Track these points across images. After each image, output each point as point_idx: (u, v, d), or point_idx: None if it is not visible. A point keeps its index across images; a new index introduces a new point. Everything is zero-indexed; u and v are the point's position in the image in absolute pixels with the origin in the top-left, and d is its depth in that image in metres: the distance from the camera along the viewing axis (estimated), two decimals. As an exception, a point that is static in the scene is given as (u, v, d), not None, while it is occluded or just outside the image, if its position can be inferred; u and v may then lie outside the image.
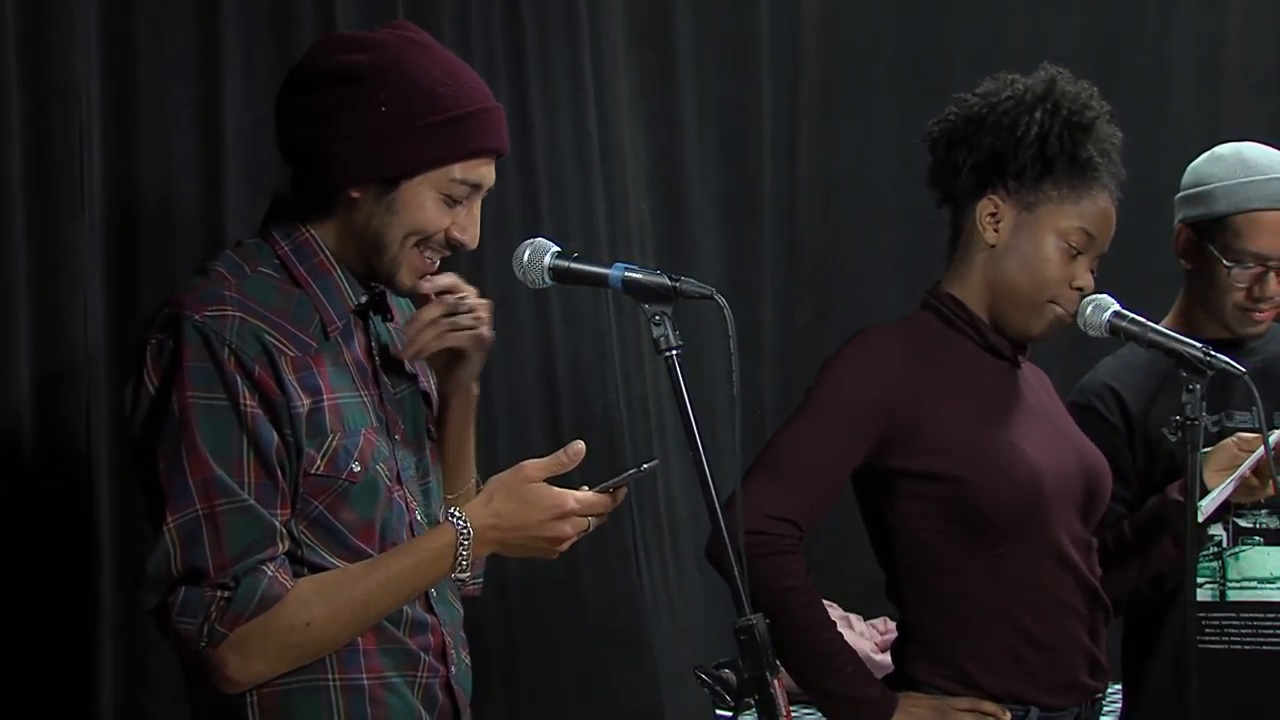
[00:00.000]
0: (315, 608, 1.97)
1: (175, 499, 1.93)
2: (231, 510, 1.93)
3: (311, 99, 2.04)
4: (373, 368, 2.11)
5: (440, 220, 2.06)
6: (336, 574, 2.00)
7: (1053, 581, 2.38)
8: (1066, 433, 2.50)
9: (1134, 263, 3.63)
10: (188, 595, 1.92)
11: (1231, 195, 2.72)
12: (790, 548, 2.35)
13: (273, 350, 1.98)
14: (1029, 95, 2.44)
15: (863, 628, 3.69)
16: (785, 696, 1.99)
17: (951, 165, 2.46)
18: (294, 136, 2.07)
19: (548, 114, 3.45)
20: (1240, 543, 2.72)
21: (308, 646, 1.98)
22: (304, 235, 2.08)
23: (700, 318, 2.88)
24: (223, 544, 1.92)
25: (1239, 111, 4.25)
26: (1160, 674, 2.72)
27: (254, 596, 1.93)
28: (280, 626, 1.95)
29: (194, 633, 1.92)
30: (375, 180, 2.03)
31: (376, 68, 2.02)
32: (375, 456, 2.05)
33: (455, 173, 2.05)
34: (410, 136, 2.01)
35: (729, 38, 4.01)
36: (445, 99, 2.03)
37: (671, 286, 2.04)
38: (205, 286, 2.00)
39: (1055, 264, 2.41)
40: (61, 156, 2.47)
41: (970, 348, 2.45)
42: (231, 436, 1.95)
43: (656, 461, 2.16)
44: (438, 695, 2.10)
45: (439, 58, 2.08)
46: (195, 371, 1.94)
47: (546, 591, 3.39)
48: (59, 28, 2.47)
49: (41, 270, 2.43)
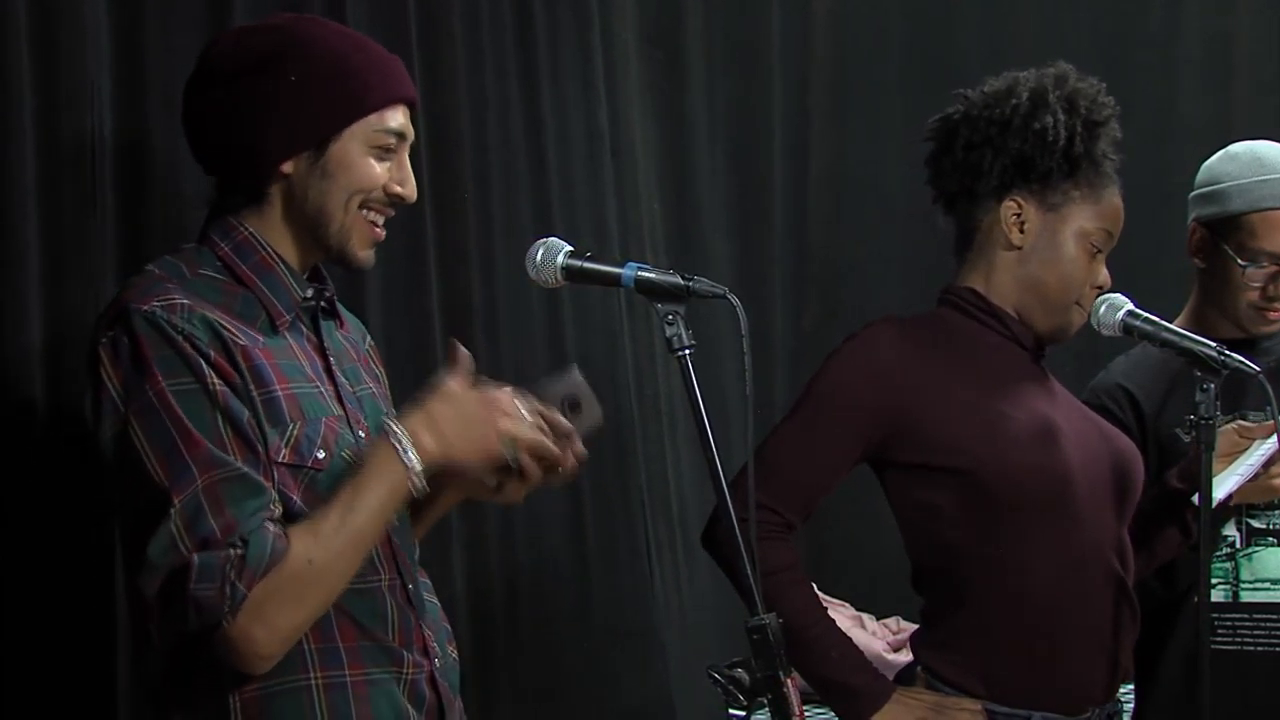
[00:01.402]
0: (311, 548, 1.96)
1: (177, 482, 1.93)
2: (228, 479, 1.94)
3: (223, 94, 2.09)
4: (325, 363, 2.13)
5: (375, 175, 2.11)
6: (313, 516, 1.99)
7: (1078, 577, 2.36)
8: (1091, 418, 2.50)
9: (1144, 262, 3.63)
10: (203, 561, 1.91)
11: (1246, 194, 2.72)
12: (772, 534, 2.35)
13: (224, 336, 2.00)
14: (1048, 96, 2.43)
15: (875, 627, 3.68)
16: (798, 696, 1.99)
17: (972, 166, 2.45)
18: (214, 137, 2.12)
19: (559, 113, 3.45)
20: (1253, 543, 2.72)
21: (319, 586, 1.97)
22: (243, 234, 2.11)
23: (711, 317, 2.88)
24: (225, 510, 1.93)
25: (1248, 111, 4.25)
26: (1172, 674, 2.72)
27: (265, 552, 1.93)
28: (288, 575, 1.94)
29: (216, 597, 1.91)
30: (303, 148, 2.08)
31: (274, 48, 2.09)
32: (339, 444, 2.06)
33: (375, 122, 2.10)
34: (324, 96, 2.08)
35: (740, 38, 4.01)
36: (348, 56, 2.11)
37: (684, 286, 2.05)
38: (146, 282, 2.03)
39: (1081, 264, 2.42)
40: (73, 157, 2.48)
41: (993, 339, 2.45)
42: (209, 417, 1.96)
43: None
44: (424, 691, 2.10)
45: (332, 27, 2.17)
46: (159, 361, 1.96)
47: (556, 590, 3.39)
48: (70, 27, 2.47)
49: (54, 270, 2.44)
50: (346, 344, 2.22)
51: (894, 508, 2.44)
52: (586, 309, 3.47)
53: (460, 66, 3.21)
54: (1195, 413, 2.33)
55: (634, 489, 3.53)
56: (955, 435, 2.35)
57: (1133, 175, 3.94)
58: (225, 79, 2.09)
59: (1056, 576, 2.35)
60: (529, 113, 3.36)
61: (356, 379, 2.18)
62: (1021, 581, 2.34)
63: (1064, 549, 2.35)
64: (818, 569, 3.49)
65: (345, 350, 2.20)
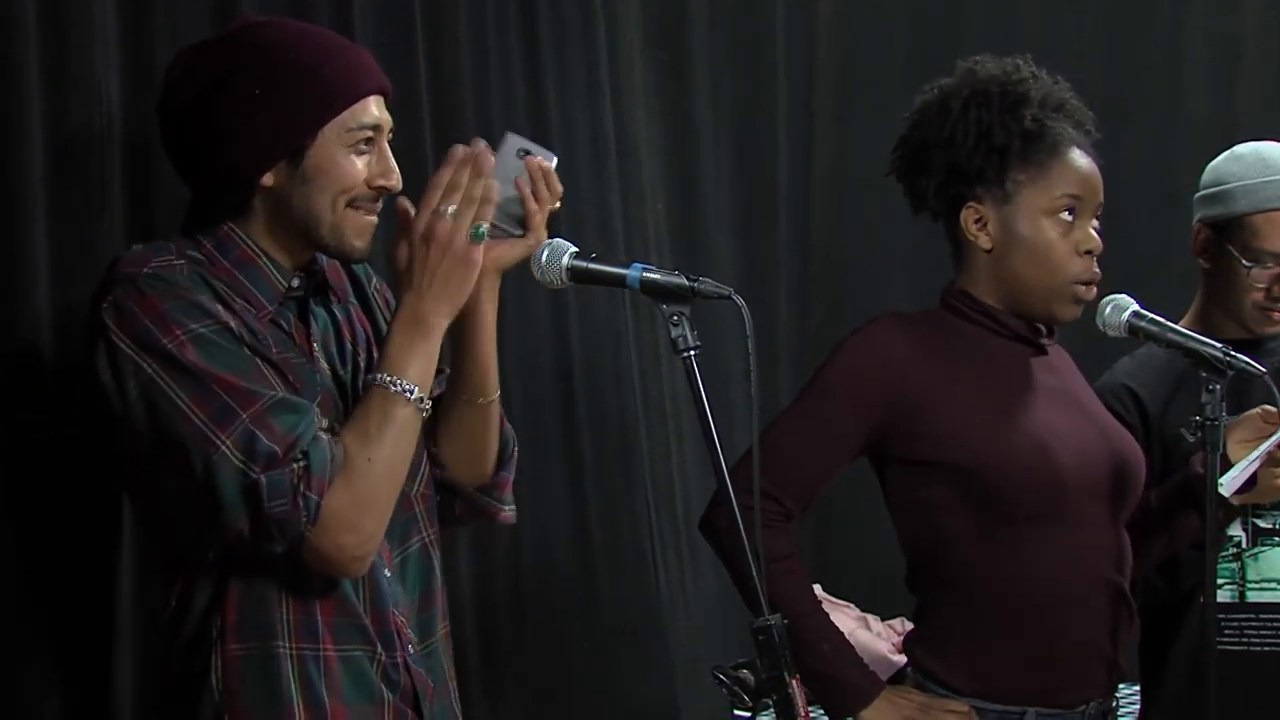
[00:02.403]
0: (367, 447, 2.00)
1: (220, 421, 1.96)
2: (271, 405, 1.97)
3: (189, 116, 2.08)
4: (309, 350, 2.13)
5: (357, 173, 2.10)
6: (354, 420, 2.04)
7: (1071, 575, 2.36)
8: (1094, 417, 2.48)
9: (1148, 262, 3.63)
10: (270, 480, 1.95)
11: (1251, 194, 2.71)
12: (772, 522, 2.34)
13: (224, 297, 2.03)
14: (954, 99, 2.43)
15: (880, 628, 3.67)
16: (804, 697, 2.00)
17: (919, 191, 2.46)
18: (188, 160, 2.12)
19: (563, 114, 3.45)
20: (1259, 543, 2.72)
21: (383, 483, 2.01)
22: (225, 230, 2.11)
23: (715, 318, 2.88)
24: (277, 432, 1.96)
25: (1252, 111, 4.25)
26: (1178, 675, 2.72)
27: (327, 460, 1.97)
28: (353, 478, 1.99)
29: (291, 512, 1.95)
30: (279, 159, 2.07)
31: (234, 62, 2.07)
32: (334, 417, 2.08)
33: (347, 120, 2.08)
34: (290, 104, 2.06)
35: (744, 38, 4.01)
36: (308, 57, 2.08)
37: (689, 287, 2.05)
38: (137, 254, 2.06)
39: (1056, 243, 2.39)
40: (82, 156, 2.48)
41: (984, 336, 2.44)
42: (236, 352, 2.00)
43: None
44: (399, 676, 2.12)
45: (290, 28, 2.14)
46: (173, 310, 1.99)
47: (561, 590, 3.40)
48: (79, 27, 2.47)
49: (63, 271, 2.44)
50: (339, 319, 2.21)
51: (890, 504, 2.44)
52: (591, 310, 3.47)
53: (465, 67, 3.21)
54: (1200, 413, 2.32)
55: (639, 489, 3.53)
56: (955, 433, 2.35)
57: (1136, 176, 3.95)
58: (188, 102, 2.08)
59: (1048, 577, 2.35)
60: (534, 113, 3.37)
61: (342, 363, 2.18)
62: (1014, 581, 2.35)
63: (1056, 550, 2.35)
64: (823, 569, 3.49)
65: (331, 333, 2.19)
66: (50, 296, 2.42)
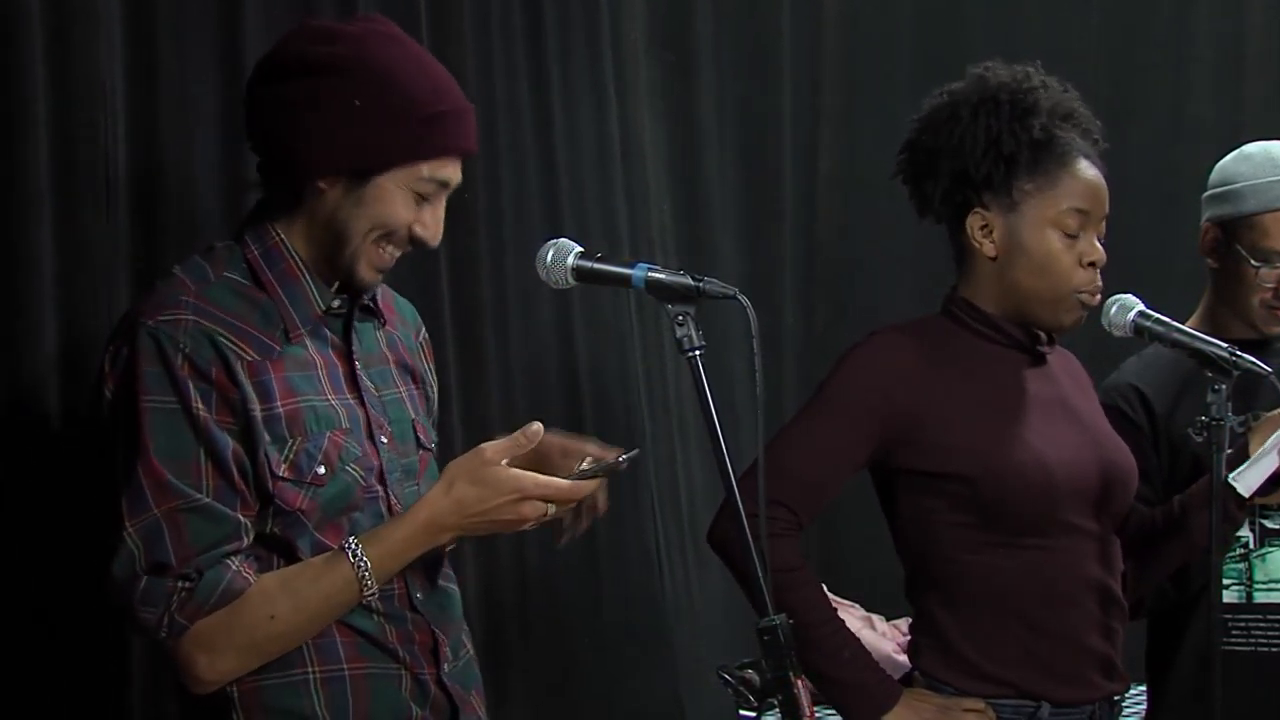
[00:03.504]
0: (279, 602, 1.99)
1: (133, 504, 1.96)
2: (189, 510, 1.96)
3: (284, 89, 2.05)
4: (349, 370, 2.12)
5: (406, 216, 2.08)
6: (298, 568, 2.02)
7: (1063, 579, 2.38)
8: (1088, 426, 2.49)
9: (1154, 262, 3.63)
10: (149, 584, 1.95)
11: (1259, 194, 2.71)
12: (784, 531, 2.34)
13: (227, 353, 2.00)
14: (964, 105, 2.42)
15: (885, 628, 3.67)
16: (809, 697, 1.99)
17: (926, 196, 2.46)
18: (264, 127, 2.09)
19: (568, 114, 3.45)
20: (1267, 544, 2.72)
21: (274, 641, 2.00)
22: (274, 239, 2.09)
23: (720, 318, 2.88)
24: (184, 540, 1.95)
25: (1258, 111, 4.24)
26: (1184, 675, 2.72)
27: (217, 588, 1.96)
28: (244, 622, 1.98)
29: (154, 622, 1.96)
30: (345, 173, 2.05)
31: (351, 61, 2.04)
32: (344, 457, 2.06)
33: (424, 171, 2.07)
34: (383, 132, 2.03)
35: (749, 38, 4.01)
36: (419, 96, 2.05)
37: (694, 287, 2.05)
38: (164, 292, 2.04)
39: (1060, 254, 2.39)
40: (86, 157, 2.48)
41: (980, 345, 2.45)
42: (185, 440, 1.97)
43: (636, 451, 2.16)
44: (430, 690, 2.11)
45: (413, 53, 2.10)
46: (148, 376, 1.97)
47: (566, 591, 3.40)
48: (84, 26, 2.47)
49: (67, 269, 2.44)
50: (384, 344, 2.20)
51: (888, 512, 2.45)
52: (596, 310, 3.47)
53: (470, 68, 3.21)
54: (1207, 414, 2.32)
55: (644, 489, 3.53)
56: (955, 443, 2.36)
57: (1142, 175, 3.94)
58: (289, 75, 2.05)
59: (1041, 580, 2.37)
60: (539, 114, 3.37)
61: (384, 382, 2.17)
62: (1008, 584, 2.37)
63: (1048, 554, 2.37)
64: (828, 570, 3.48)
65: (379, 352, 2.18)
66: (54, 295, 2.42)
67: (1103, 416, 2.55)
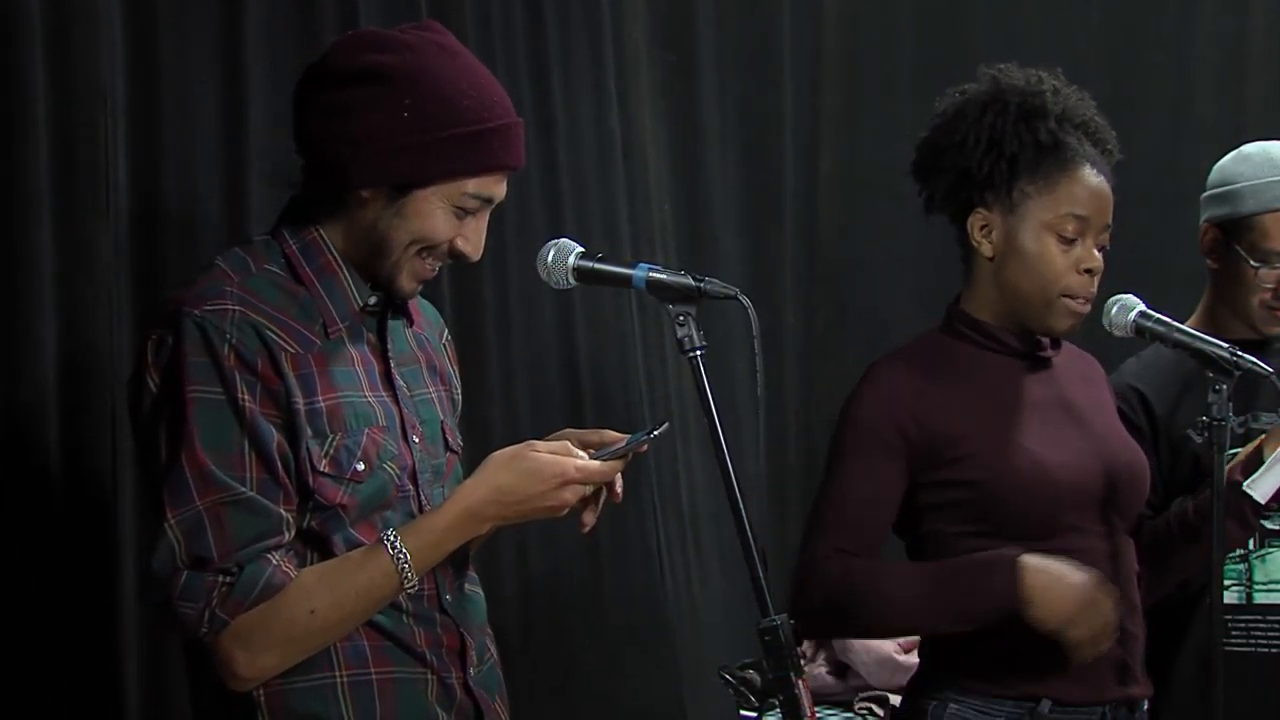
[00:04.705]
0: (318, 597, 1.98)
1: (175, 495, 1.94)
2: (233, 503, 1.95)
3: (333, 95, 2.03)
4: (384, 368, 2.11)
5: (448, 230, 2.06)
6: (336, 562, 2.01)
7: None
8: (1093, 426, 2.48)
9: (1155, 262, 3.63)
10: (189, 580, 1.93)
11: (1259, 194, 2.71)
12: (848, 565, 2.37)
13: (272, 345, 1.99)
14: (974, 103, 2.43)
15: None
16: (810, 697, 2.00)
17: (931, 194, 2.47)
18: (311, 131, 2.07)
19: (570, 114, 3.45)
20: (1267, 545, 2.72)
21: (314, 636, 1.99)
22: (312, 235, 2.08)
23: (722, 318, 2.88)
24: (226, 534, 1.94)
25: (1260, 111, 4.24)
26: (1185, 675, 2.72)
27: (257, 583, 1.95)
28: (284, 617, 1.96)
29: (195, 618, 1.94)
30: (388, 185, 2.03)
31: (401, 71, 2.01)
32: (382, 455, 2.06)
33: (469, 186, 2.05)
34: (429, 146, 2.01)
35: (750, 38, 4.01)
36: (468, 111, 2.02)
37: (696, 287, 2.05)
38: (206, 283, 2.02)
39: (1054, 258, 2.39)
40: (86, 157, 2.48)
41: (972, 352, 2.45)
42: (230, 431, 1.96)
43: (666, 425, 2.15)
44: (456, 694, 2.10)
45: (464, 66, 2.07)
46: (194, 366, 1.95)
47: (568, 591, 3.40)
48: (84, 26, 2.47)
49: (66, 271, 2.44)
50: (414, 344, 2.19)
51: (902, 524, 2.45)
52: (598, 310, 3.47)
53: (471, 67, 3.21)
54: (1207, 414, 2.32)
55: (645, 489, 3.53)
56: (966, 453, 2.37)
57: (1144, 176, 3.94)
58: (338, 81, 2.03)
59: None
60: (540, 114, 3.36)
61: (416, 382, 2.16)
62: None
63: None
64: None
65: (410, 352, 2.18)
66: (54, 297, 2.42)
67: (1114, 416, 2.55)
